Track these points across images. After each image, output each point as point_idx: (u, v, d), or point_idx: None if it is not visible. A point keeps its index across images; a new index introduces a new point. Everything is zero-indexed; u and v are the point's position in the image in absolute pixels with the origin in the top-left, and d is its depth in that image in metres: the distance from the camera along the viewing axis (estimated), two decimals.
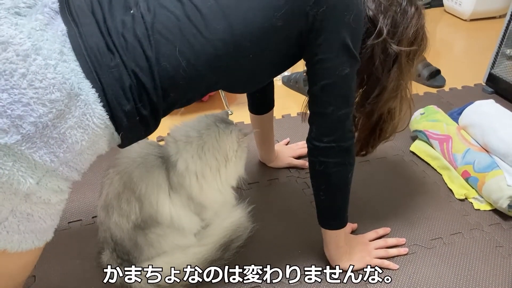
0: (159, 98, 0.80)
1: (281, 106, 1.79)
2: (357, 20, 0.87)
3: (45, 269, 1.10)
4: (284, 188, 1.39)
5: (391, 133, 1.13)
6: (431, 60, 2.08)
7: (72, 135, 0.72)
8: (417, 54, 1.03)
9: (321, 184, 1.01)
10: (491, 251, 1.17)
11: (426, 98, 1.91)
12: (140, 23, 0.77)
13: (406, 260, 1.14)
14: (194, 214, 1.06)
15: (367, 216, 1.27)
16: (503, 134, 1.34)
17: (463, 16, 2.75)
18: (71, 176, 0.77)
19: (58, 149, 0.71)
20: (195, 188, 1.01)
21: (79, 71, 0.72)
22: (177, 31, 0.78)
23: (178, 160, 1.00)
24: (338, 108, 0.92)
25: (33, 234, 0.75)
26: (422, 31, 1.01)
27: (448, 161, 1.44)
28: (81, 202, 1.31)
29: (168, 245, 1.04)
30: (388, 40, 0.95)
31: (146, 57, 0.77)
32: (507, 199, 1.24)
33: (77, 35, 0.74)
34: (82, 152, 0.76)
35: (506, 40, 1.84)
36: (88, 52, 0.73)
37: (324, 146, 0.95)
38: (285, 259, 1.13)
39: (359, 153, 1.16)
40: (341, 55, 0.88)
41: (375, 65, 0.97)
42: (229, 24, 0.80)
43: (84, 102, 0.72)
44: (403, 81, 1.02)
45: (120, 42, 0.76)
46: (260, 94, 1.32)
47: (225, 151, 1.03)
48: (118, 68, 0.75)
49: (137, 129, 0.82)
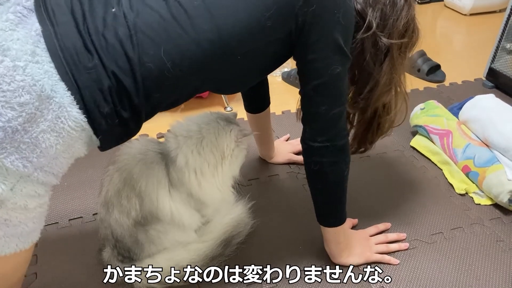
0: (141, 99, 0.78)
1: (280, 102, 1.79)
2: (347, 17, 0.86)
3: (47, 266, 1.10)
4: (285, 184, 1.39)
5: (388, 128, 1.12)
6: (431, 55, 2.08)
7: (45, 139, 0.70)
8: (409, 46, 1.01)
9: (317, 183, 1.01)
10: (492, 246, 1.18)
11: (426, 93, 1.91)
12: (122, 23, 0.75)
13: (407, 255, 1.14)
14: (195, 210, 1.06)
15: (368, 211, 1.27)
16: (503, 129, 1.34)
17: (463, 11, 2.75)
18: (48, 181, 0.75)
19: (31, 154, 0.69)
20: (194, 184, 1.01)
21: (53, 73, 0.70)
22: (162, 31, 0.76)
23: (178, 155, 0.99)
24: (330, 107, 0.91)
25: (15, 238, 0.74)
26: (412, 22, 0.98)
27: (449, 156, 1.44)
28: (82, 199, 1.31)
29: (169, 242, 1.04)
30: (378, 34, 0.93)
31: (128, 58, 0.74)
32: (508, 194, 1.24)
33: (53, 35, 0.71)
34: (58, 156, 0.74)
35: (506, 34, 1.84)
36: (64, 53, 0.71)
37: (318, 146, 0.94)
38: (286, 255, 1.13)
39: (358, 150, 1.16)
40: (333, 54, 0.87)
41: (366, 60, 0.96)
42: (216, 24, 0.79)
43: (58, 105, 0.70)
44: (396, 75, 1.01)
45: (100, 42, 0.73)
46: (255, 93, 1.31)
47: (222, 149, 1.02)
48: (97, 69, 0.73)
49: (116, 132, 0.80)
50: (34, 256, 1.12)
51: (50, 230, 1.20)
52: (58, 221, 1.23)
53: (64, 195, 1.32)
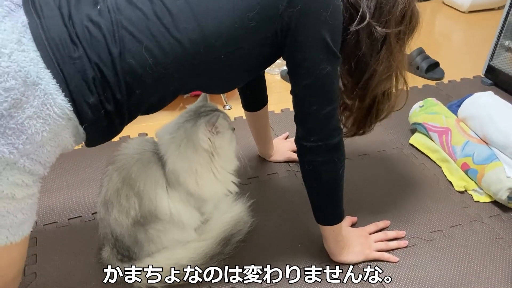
0: (123, 94, 0.79)
1: (279, 100, 1.79)
2: (334, 16, 0.85)
3: (46, 266, 1.10)
4: (284, 182, 1.39)
5: (388, 113, 1.10)
6: (430, 52, 2.08)
7: (31, 125, 0.71)
8: (407, 33, 0.99)
9: (312, 183, 1.01)
10: (491, 243, 1.18)
11: (425, 90, 1.91)
12: (106, 18, 0.76)
13: (406, 252, 1.14)
14: (194, 208, 1.06)
15: (367, 209, 1.27)
16: (502, 126, 1.34)
17: (461, 8, 2.75)
18: (35, 170, 0.75)
19: (17, 140, 0.70)
20: (191, 184, 1.01)
21: (39, 61, 0.71)
22: (144, 29, 0.77)
23: (167, 161, 1.00)
24: (321, 107, 0.91)
25: (4, 229, 0.74)
26: (410, 7, 0.95)
27: (448, 153, 1.44)
28: (81, 198, 1.31)
29: (168, 241, 1.04)
30: (372, 24, 0.92)
31: (109, 52, 0.76)
32: (507, 191, 1.24)
33: (39, 26, 0.73)
34: (44, 144, 0.74)
35: (505, 31, 1.84)
36: (49, 42, 0.73)
37: (311, 146, 0.94)
38: (286, 254, 1.13)
39: (357, 132, 1.14)
40: (321, 54, 0.86)
41: (362, 51, 0.94)
42: (199, 24, 0.79)
43: (44, 92, 0.71)
44: (394, 62, 0.99)
45: (84, 35, 0.75)
46: (252, 92, 1.31)
47: (200, 145, 1.00)
48: (81, 60, 0.74)
49: (102, 126, 0.81)
50: (34, 256, 1.12)
51: (49, 230, 1.20)
52: (57, 220, 1.23)
53: (63, 194, 1.32)
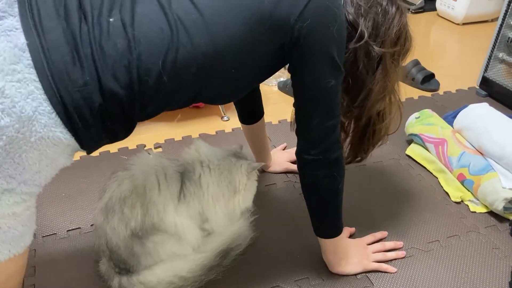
0: (135, 111, 0.78)
1: (277, 111, 1.80)
2: (340, 31, 0.86)
3: (44, 277, 1.10)
4: (282, 193, 1.40)
5: (383, 136, 1.12)
6: (425, 64, 2.10)
7: (28, 158, 0.69)
8: (402, 54, 1.02)
9: (311, 196, 1.01)
10: (488, 253, 1.18)
11: (421, 102, 1.92)
12: (121, 33, 0.73)
13: (404, 263, 1.15)
14: (199, 228, 1.07)
15: (365, 220, 1.28)
16: (497, 137, 1.36)
17: (456, 20, 2.78)
18: (32, 191, 0.75)
19: (14, 171, 0.69)
20: (210, 205, 1.05)
21: (38, 94, 0.67)
22: (160, 44, 0.75)
23: (202, 179, 1.04)
24: (324, 120, 0.92)
25: (6, 244, 0.74)
26: (404, 30, 0.98)
27: (444, 164, 1.45)
28: (80, 210, 1.31)
29: (166, 254, 1.04)
30: (370, 43, 0.93)
31: (127, 71, 0.73)
32: (503, 201, 1.25)
33: (39, 48, 0.67)
34: (41, 170, 0.73)
35: (499, 43, 1.86)
36: (52, 71, 0.67)
37: (312, 159, 0.94)
38: (284, 265, 1.14)
39: (353, 160, 1.16)
40: (327, 68, 0.87)
41: (359, 69, 0.96)
42: (212, 38, 0.78)
43: (42, 125, 0.68)
44: (390, 82, 1.00)
45: (96, 52, 0.71)
46: (248, 105, 1.31)
47: (235, 184, 1.07)
48: (88, 86, 0.70)
49: (104, 143, 0.81)
50: (32, 268, 1.12)
51: (48, 241, 1.20)
52: (56, 232, 1.23)
53: (62, 206, 1.32)
